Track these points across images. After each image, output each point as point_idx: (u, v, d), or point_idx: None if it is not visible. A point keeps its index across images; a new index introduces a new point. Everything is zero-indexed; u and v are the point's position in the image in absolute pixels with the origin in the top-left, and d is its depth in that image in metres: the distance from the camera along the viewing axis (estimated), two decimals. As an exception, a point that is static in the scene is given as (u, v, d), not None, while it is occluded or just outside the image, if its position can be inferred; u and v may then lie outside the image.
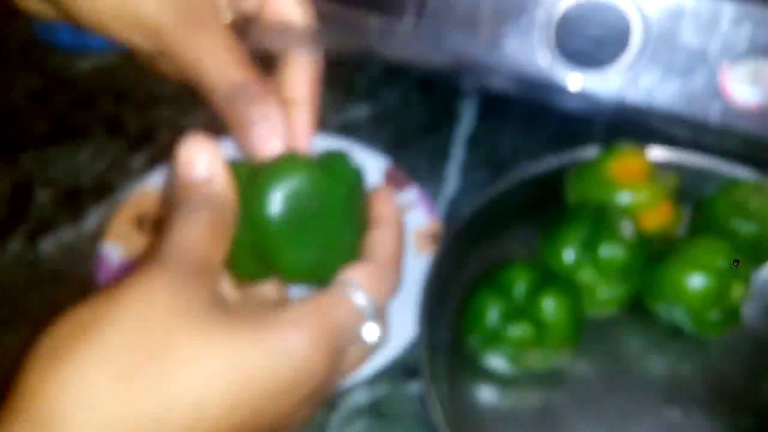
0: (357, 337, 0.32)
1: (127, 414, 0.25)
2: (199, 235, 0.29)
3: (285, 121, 0.34)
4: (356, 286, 0.32)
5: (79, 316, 0.27)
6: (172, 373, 0.26)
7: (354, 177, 0.33)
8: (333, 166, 0.33)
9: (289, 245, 0.32)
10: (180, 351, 0.26)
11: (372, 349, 0.34)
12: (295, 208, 0.31)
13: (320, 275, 0.33)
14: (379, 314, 0.33)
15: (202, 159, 0.31)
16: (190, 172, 0.31)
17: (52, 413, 0.25)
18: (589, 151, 0.55)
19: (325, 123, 0.64)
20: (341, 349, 0.31)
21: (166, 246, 0.29)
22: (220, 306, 0.28)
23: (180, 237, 0.29)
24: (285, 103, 0.35)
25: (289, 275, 0.33)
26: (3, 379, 0.27)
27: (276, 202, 0.31)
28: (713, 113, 0.56)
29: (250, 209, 0.31)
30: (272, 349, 0.28)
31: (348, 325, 0.31)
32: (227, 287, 0.34)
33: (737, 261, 0.47)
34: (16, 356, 0.31)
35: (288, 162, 0.32)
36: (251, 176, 0.32)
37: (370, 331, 0.32)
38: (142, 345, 0.26)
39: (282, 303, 0.32)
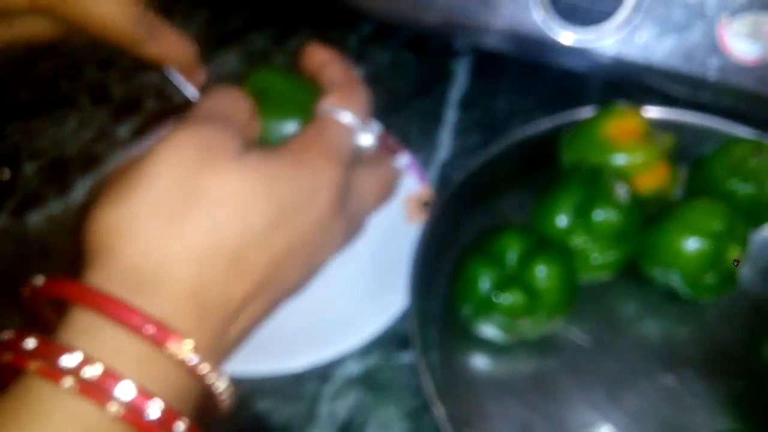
0: (354, 146, 0.38)
1: (183, 249, 0.30)
2: (221, 100, 0.36)
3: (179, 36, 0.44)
4: (336, 108, 0.38)
5: (126, 176, 0.31)
6: (216, 209, 0.30)
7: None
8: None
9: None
10: (216, 188, 0.31)
11: (385, 177, 0.41)
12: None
13: None
14: (365, 124, 0.39)
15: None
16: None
17: (123, 261, 0.30)
18: (585, 112, 0.54)
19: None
20: (345, 158, 0.36)
21: (195, 110, 0.35)
22: (239, 148, 0.33)
23: (202, 104, 0.35)
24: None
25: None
26: None
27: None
28: (711, 69, 0.54)
29: None
30: (292, 170, 0.33)
31: (343, 138, 0.37)
32: None
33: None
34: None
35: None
36: None
37: (364, 138, 0.39)
38: (181, 190, 0.30)
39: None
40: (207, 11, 0.69)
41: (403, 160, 0.56)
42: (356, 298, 0.50)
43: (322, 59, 0.41)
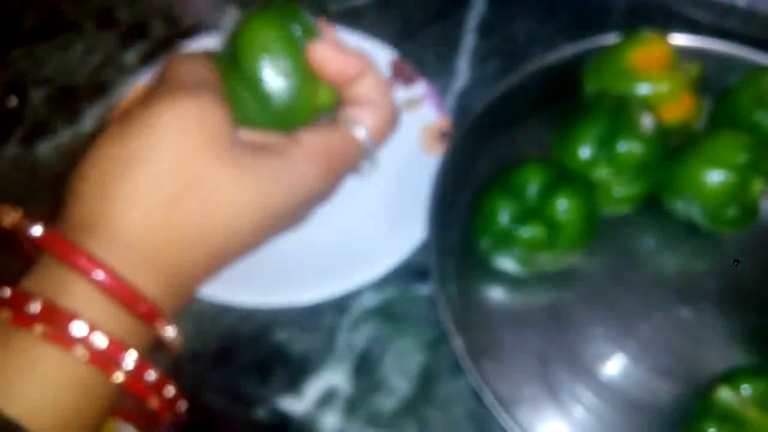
0: (356, 168, 0.38)
1: (175, 234, 0.31)
2: (202, 67, 0.35)
3: None
4: (360, 123, 0.37)
5: (123, 145, 0.31)
6: (209, 203, 0.32)
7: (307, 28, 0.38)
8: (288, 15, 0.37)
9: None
10: (214, 183, 0.32)
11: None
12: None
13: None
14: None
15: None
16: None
17: (120, 232, 0.30)
18: (608, 39, 0.52)
19: (325, 10, 0.61)
20: (341, 173, 0.37)
21: (178, 75, 0.34)
22: (239, 138, 0.34)
23: (179, 69, 0.34)
24: None
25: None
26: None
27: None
28: (741, -5, 0.52)
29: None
30: (290, 179, 0.34)
31: (350, 156, 0.37)
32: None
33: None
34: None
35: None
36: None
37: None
38: (181, 176, 0.31)
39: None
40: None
41: (420, 88, 0.55)
42: (374, 229, 0.49)
43: (358, 67, 0.37)
